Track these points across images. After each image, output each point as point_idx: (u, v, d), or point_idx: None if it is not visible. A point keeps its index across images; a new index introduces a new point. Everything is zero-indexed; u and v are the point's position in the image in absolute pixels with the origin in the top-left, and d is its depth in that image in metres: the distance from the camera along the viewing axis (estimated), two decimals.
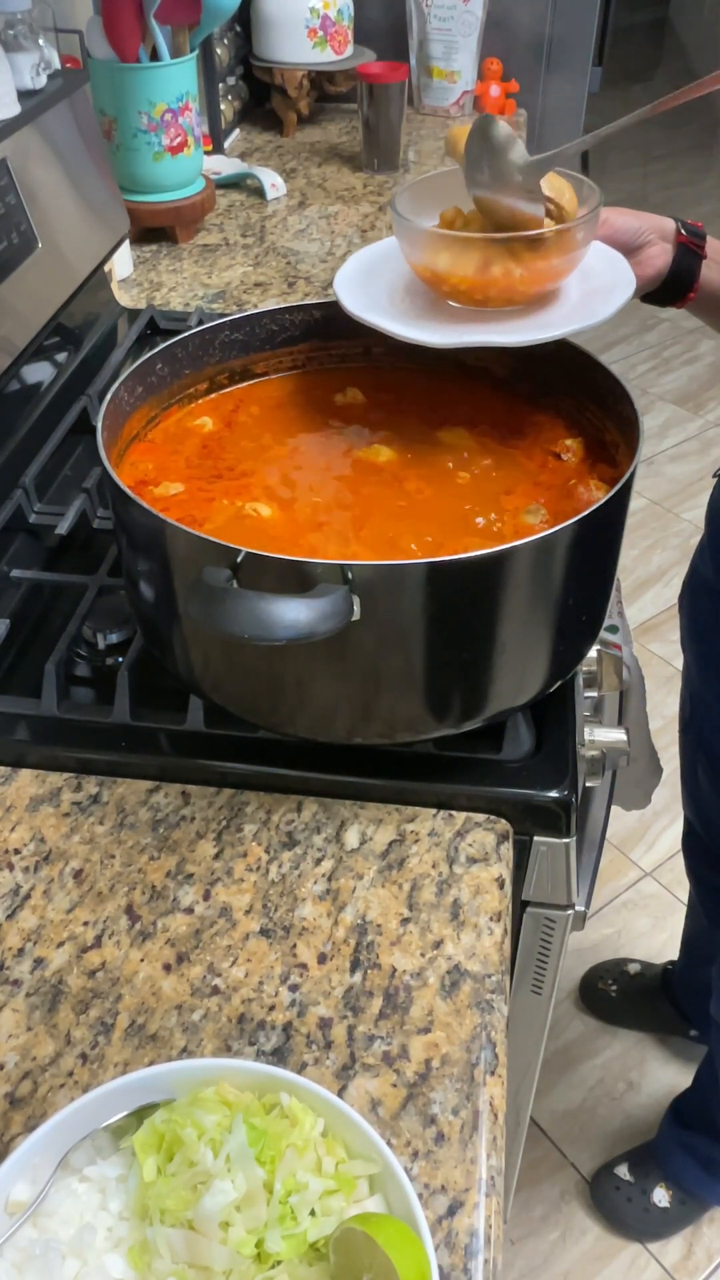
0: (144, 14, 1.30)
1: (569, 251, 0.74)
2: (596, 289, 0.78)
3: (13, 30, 1.04)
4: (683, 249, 0.84)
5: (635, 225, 0.83)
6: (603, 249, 0.81)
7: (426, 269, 0.77)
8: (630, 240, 0.83)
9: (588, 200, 0.77)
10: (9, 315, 0.94)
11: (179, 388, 0.83)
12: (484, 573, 0.62)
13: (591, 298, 0.77)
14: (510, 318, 0.77)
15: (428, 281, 0.79)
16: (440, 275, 0.76)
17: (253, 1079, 0.52)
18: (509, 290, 0.75)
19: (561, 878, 0.76)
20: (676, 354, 3.34)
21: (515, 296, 0.76)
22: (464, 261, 0.75)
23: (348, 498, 0.75)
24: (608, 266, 0.80)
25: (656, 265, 0.84)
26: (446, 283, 0.76)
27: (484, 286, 0.75)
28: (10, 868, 0.69)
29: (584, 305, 0.77)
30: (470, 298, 0.77)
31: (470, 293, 0.76)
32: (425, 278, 0.78)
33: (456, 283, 0.76)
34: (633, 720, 0.98)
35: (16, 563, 0.89)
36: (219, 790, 0.73)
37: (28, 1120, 0.57)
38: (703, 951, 1.46)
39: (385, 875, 0.68)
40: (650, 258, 0.84)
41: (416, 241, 0.77)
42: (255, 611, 0.56)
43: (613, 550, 0.73)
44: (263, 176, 1.64)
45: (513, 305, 0.77)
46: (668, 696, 2.08)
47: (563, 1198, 1.50)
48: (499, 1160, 0.56)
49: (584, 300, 0.78)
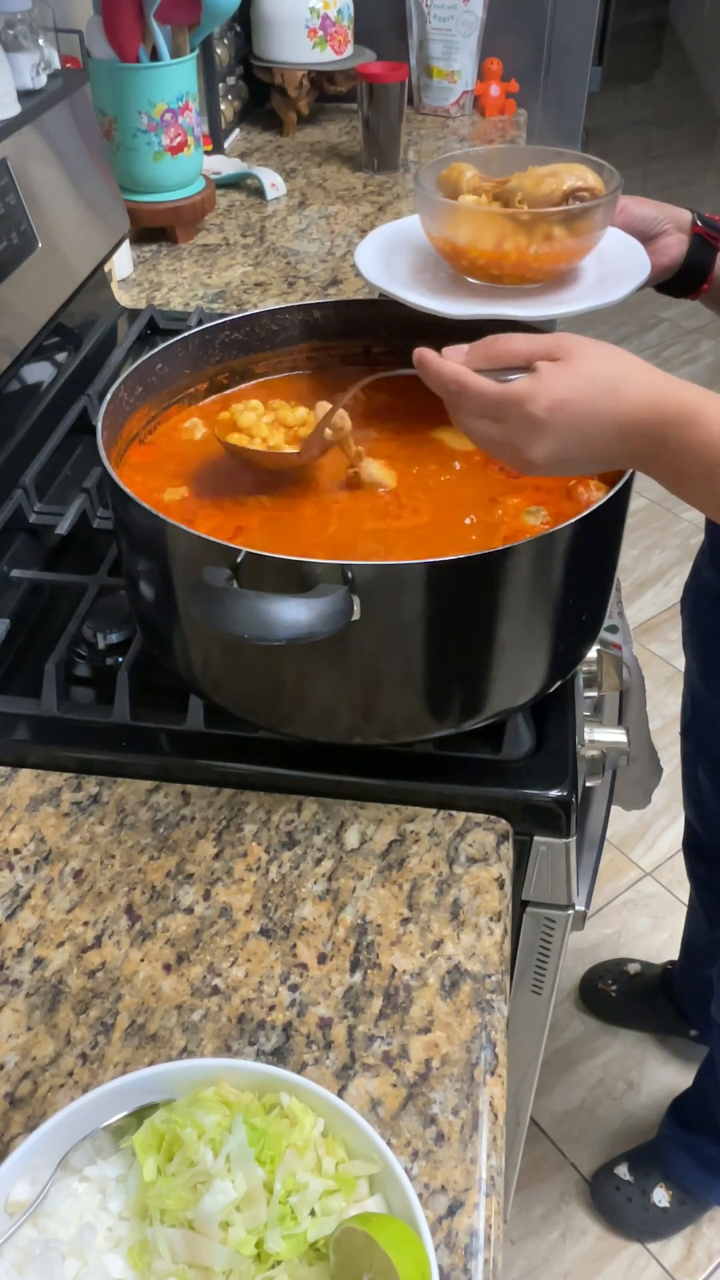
0: (144, 14, 1.30)
1: (587, 232, 0.76)
2: (612, 272, 0.79)
3: (13, 30, 1.04)
4: (698, 240, 0.85)
5: (652, 214, 0.84)
6: (620, 235, 0.82)
7: (446, 242, 0.78)
8: (647, 229, 0.84)
9: (608, 183, 0.79)
10: (9, 315, 0.94)
11: (179, 388, 0.83)
12: (484, 573, 0.62)
13: (607, 280, 0.79)
14: (527, 295, 0.78)
15: (446, 255, 0.80)
16: (459, 249, 0.78)
17: (253, 1079, 0.52)
18: (525, 267, 0.77)
19: (561, 878, 0.76)
20: (676, 354, 3.34)
21: (531, 274, 0.77)
22: (483, 236, 0.76)
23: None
24: (624, 251, 0.81)
25: (671, 254, 0.85)
26: (465, 256, 0.78)
27: (500, 261, 0.76)
28: (10, 868, 0.69)
29: (599, 286, 0.79)
30: (487, 273, 0.78)
31: (487, 267, 0.77)
32: (445, 251, 0.80)
33: (475, 256, 0.77)
34: (633, 720, 0.98)
35: (16, 563, 0.89)
36: (219, 790, 0.73)
37: (28, 1120, 0.57)
38: (703, 952, 1.46)
39: (385, 875, 0.68)
40: (665, 247, 0.84)
41: (439, 214, 0.78)
42: (255, 611, 0.56)
43: (613, 550, 0.74)
44: (263, 176, 1.64)
45: (529, 283, 0.78)
46: (668, 696, 2.08)
47: (563, 1198, 1.50)
48: (499, 1160, 0.56)
49: (599, 282, 0.79)
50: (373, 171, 1.74)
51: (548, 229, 0.74)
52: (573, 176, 0.77)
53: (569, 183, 0.77)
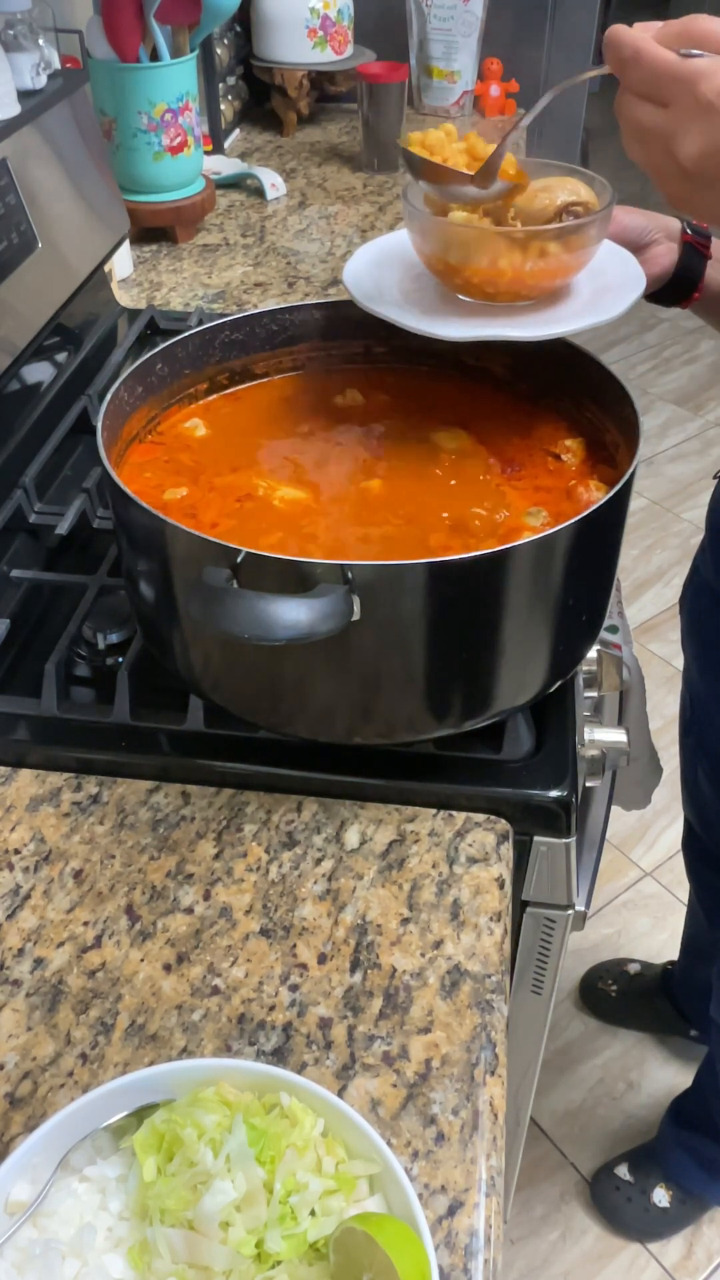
0: (144, 14, 1.30)
1: (582, 247, 0.75)
2: (607, 286, 0.78)
3: (13, 30, 1.04)
4: (688, 249, 0.84)
5: (642, 224, 0.83)
6: (612, 247, 0.81)
7: (438, 261, 0.77)
8: (637, 239, 0.83)
9: (600, 197, 0.77)
10: (9, 315, 0.94)
11: (179, 388, 0.83)
12: (484, 573, 0.62)
13: (602, 295, 0.77)
14: (521, 313, 0.77)
15: (438, 274, 0.78)
16: (451, 267, 0.76)
17: (253, 1079, 0.52)
18: (520, 284, 0.75)
19: (561, 878, 0.76)
20: (676, 354, 3.34)
21: (526, 291, 0.76)
22: (476, 254, 0.74)
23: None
24: (618, 264, 0.80)
25: (662, 264, 0.84)
26: (458, 275, 0.76)
27: (495, 279, 0.75)
28: (10, 868, 0.69)
29: (595, 302, 0.77)
30: (481, 291, 0.77)
31: (481, 286, 0.76)
32: (436, 270, 0.78)
33: (469, 275, 0.75)
34: (633, 720, 0.98)
35: (16, 563, 0.89)
36: (219, 790, 0.73)
37: (28, 1120, 0.57)
38: (703, 951, 1.46)
39: (385, 875, 0.68)
40: (656, 256, 0.84)
41: (429, 232, 0.77)
42: (255, 611, 0.56)
43: (613, 550, 0.73)
44: (263, 176, 1.64)
45: (523, 300, 0.77)
46: (668, 696, 2.08)
47: (563, 1198, 1.50)
48: (499, 1160, 0.56)
49: (594, 297, 0.78)
50: (373, 171, 1.74)
51: (542, 246, 0.73)
52: (565, 191, 0.76)
53: (562, 198, 0.76)
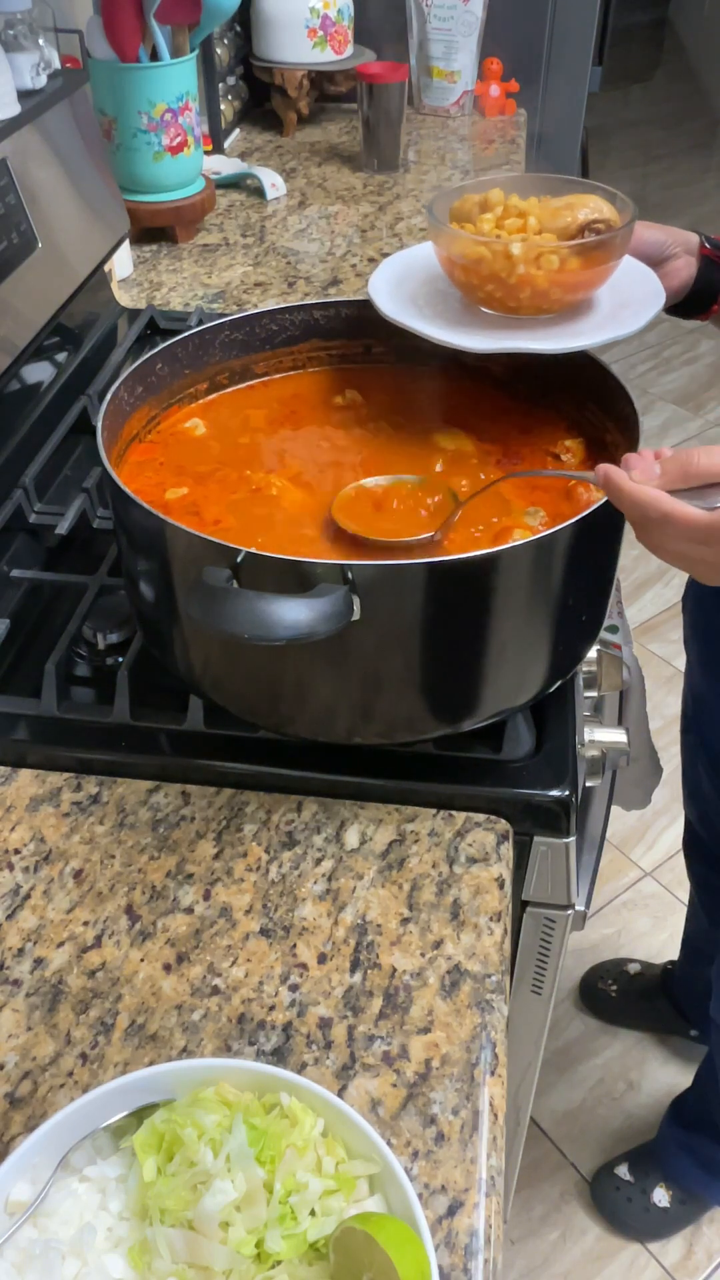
0: (144, 14, 1.30)
1: (603, 263, 0.76)
2: (627, 300, 0.79)
3: (13, 30, 1.04)
4: (707, 262, 0.85)
5: (661, 238, 0.84)
6: (631, 262, 0.82)
7: (462, 274, 0.78)
8: (656, 253, 0.84)
9: (621, 214, 0.78)
10: (9, 315, 0.94)
11: (179, 388, 0.83)
12: (484, 573, 0.62)
13: (622, 309, 0.78)
14: (542, 326, 0.78)
15: (461, 287, 0.79)
16: (475, 281, 0.77)
17: (253, 1079, 0.52)
18: (542, 298, 0.76)
19: (561, 878, 0.76)
20: (676, 354, 3.34)
21: (548, 305, 0.77)
22: (500, 269, 0.75)
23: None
24: (637, 279, 0.81)
25: (681, 278, 0.85)
26: (481, 289, 0.77)
27: (517, 293, 0.76)
28: (10, 868, 0.69)
29: (615, 315, 0.78)
30: (504, 304, 0.78)
31: (504, 299, 0.77)
32: (459, 283, 0.79)
33: (492, 289, 0.77)
34: (633, 720, 0.98)
35: (16, 563, 0.89)
36: (219, 790, 0.73)
37: (28, 1120, 0.57)
38: (703, 951, 1.46)
39: (385, 875, 0.68)
40: (675, 270, 0.85)
41: (453, 246, 0.78)
42: (255, 611, 0.56)
43: (612, 550, 0.73)
44: (263, 176, 1.64)
45: (545, 314, 0.78)
46: (668, 696, 2.08)
47: (563, 1198, 1.50)
48: (499, 1160, 0.56)
49: (615, 311, 0.79)
50: (373, 171, 1.74)
51: (565, 261, 0.74)
52: (587, 208, 0.77)
53: (584, 215, 0.77)
